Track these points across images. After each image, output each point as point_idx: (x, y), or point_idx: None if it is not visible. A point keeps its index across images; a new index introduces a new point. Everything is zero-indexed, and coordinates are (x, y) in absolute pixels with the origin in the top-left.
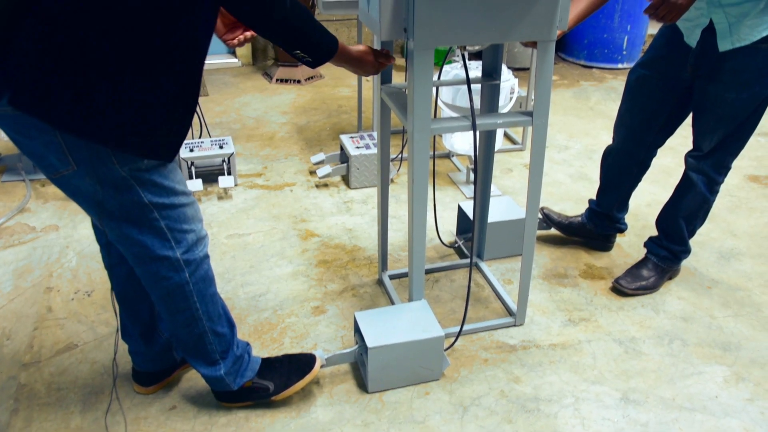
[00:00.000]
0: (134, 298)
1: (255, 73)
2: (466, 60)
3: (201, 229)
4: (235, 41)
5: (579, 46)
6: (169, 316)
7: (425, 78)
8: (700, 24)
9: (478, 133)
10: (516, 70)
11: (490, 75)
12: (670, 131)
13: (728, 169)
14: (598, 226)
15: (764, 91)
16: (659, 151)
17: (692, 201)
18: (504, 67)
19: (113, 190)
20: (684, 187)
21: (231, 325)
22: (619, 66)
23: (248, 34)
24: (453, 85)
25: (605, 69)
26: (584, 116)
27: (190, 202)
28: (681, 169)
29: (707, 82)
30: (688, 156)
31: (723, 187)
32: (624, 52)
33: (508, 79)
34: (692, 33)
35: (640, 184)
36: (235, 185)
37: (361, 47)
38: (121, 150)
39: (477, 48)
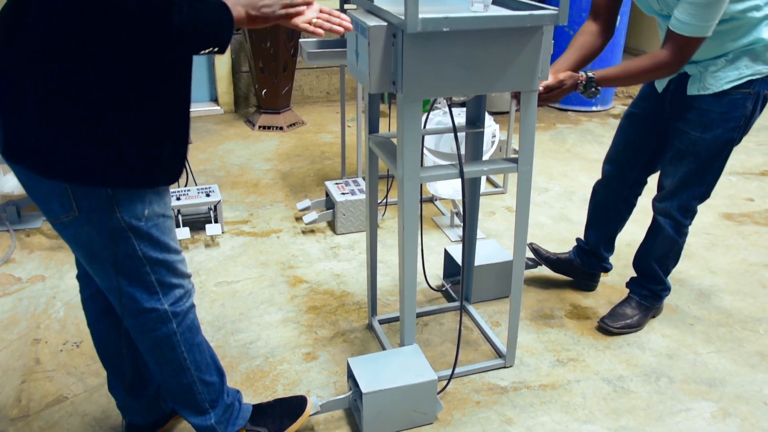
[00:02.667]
0: (115, 354)
1: (237, 120)
2: (452, 110)
3: (188, 283)
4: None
5: None
6: (157, 366)
7: (414, 128)
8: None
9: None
10: (495, 114)
11: (474, 123)
12: (653, 168)
13: (694, 213)
14: (585, 263)
15: (726, 135)
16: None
17: (662, 244)
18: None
19: (110, 239)
20: (653, 232)
21: (220, 374)
22: (593, 109)
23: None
24: (439, 133)
25: (580, 112)
26: (562, 158)
27: (181, 259)
28: None
29: (676, 119)
30: (654, 200)
31: (699, 226)
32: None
33: (489, 125)
34: (662, 80)
35: None
36: (222, 233)
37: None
38: (124, 185)
39: (462, 99)
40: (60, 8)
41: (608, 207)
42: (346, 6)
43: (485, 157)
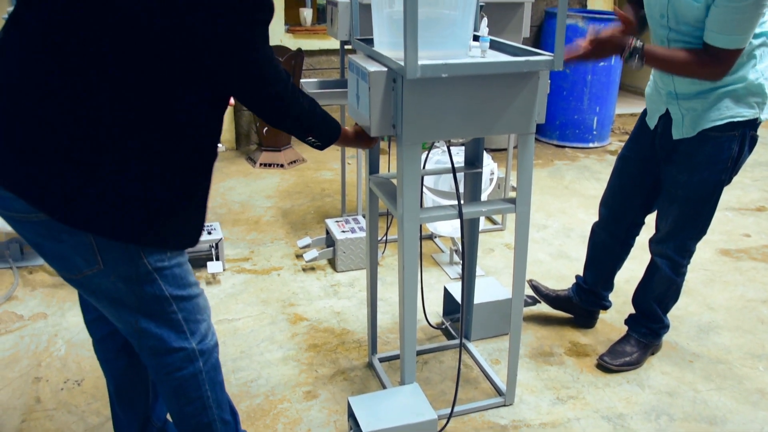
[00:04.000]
0: (132, 391)
1: (239, 157)
2: (451, 151)
3: (210, 317)
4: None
5: (551, 127)
6: (178, 407)
7: (413, 170)
8: (659, 110)
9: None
10: (493, 151)
11: (473, 163)
12: (649, 209)
13: (691, 252)
14: (584, 301)
15: (714, 177)
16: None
17: (660, 284)
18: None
19: (136, 285)
20: (651, 271)
21: (233, 413)
22: (590, 145)
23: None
24: (438, 174)
25: (577, 148)
26: (560, 195)
27: (201, 292)
28: None
29: (665, 163)
30: (651, 241)
31: (697, 261)
32: (594, 132)
33: (487, 164)
34: (653, 117)
35: None
36: (224, 270)
37: (357, 127)
38: (149, 245)
39: (461, 141)
40: (112, 64)
41: (606, 248)
42: (346, 48)
43: (484, 195)
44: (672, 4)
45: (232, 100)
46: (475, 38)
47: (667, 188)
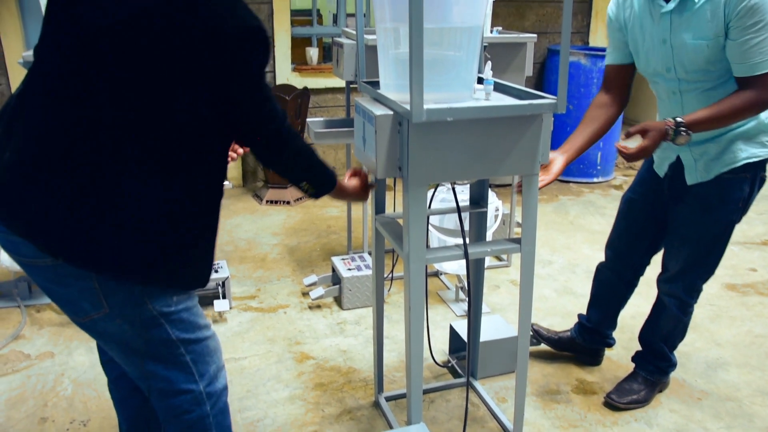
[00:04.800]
0: (146, 430)
1: (245, 194)
2: (456, 192)
3: (221, 359)
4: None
5: None
6: None
7: (419, 211)
8: (669, 158)
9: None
10: (498, 186)
11: (478, 202)
12: (655, 250)
13: (699, 291)
14: (587, 340)
15: (726, 217)
16: None
17: (667, 322)
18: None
19: (142, 329)
20: (658, 310)
21: None
22: (595, 180)
23: (240, 151)
24: (443, 213)
25: (582, 183)
26: (565, 230)
27: (212, 335)
28: None
29: (676, 203)
30: (659, 280)
31: (703, 297)
32: (598, 167)
33: (492, 202)
34: (661, 165)
35: None
36: (230, 308)
37: (353, 182)
38: (157, 286)
39: (466, 182)
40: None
41: (611, 288)
42: (352, 87)
43: (489, 232)
44: (678, 55)
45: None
46: (480, 80)
47: (677, 228)
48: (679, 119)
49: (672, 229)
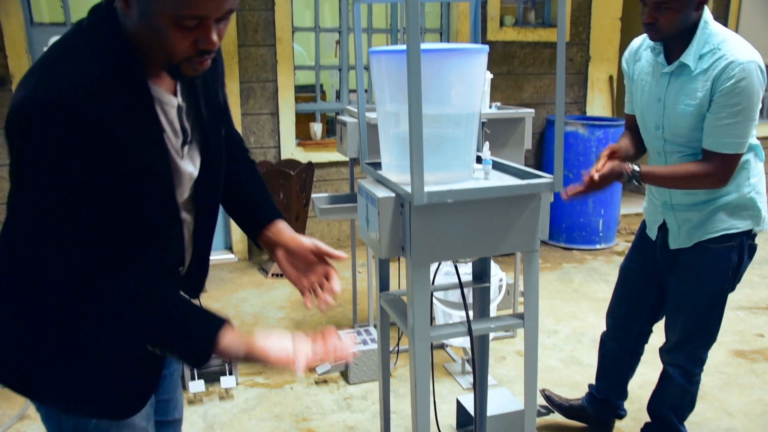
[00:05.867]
0: None
1: (251, 268)
2: (458, 269)
3: None
4: (323, 306)
5: (558, 230)
6: None
7: (423, 291)
8: (657, 221)
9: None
10: (501, 256)
11: (481, 278)
12: (656, 318)
13: (703, 360)
14: (598, 411)
15: (716, 287)
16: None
17: (674, 393)
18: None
19: None
20: (664, 381)
21: None
22: (597, 247)
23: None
24: (447, 289)
25: (585, 250)
26: (570, 299)
27: None
28: None
29: (667, 274)
30: (661, 350)
31: (711, 364)
32: (600, 234)
33: (495, 274)
34: (652, 228)
35: None
36: (237, 384)
37: (289, 342)
38: (65, 412)
39: (468, 260)
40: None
41: (615, 358)
42: (355, 169)
43: (493, 305)
44: (667, 115)
45: None
46: (479, 159)
47: (671, 299)
48: (636, 168)
49: (668, 299)
